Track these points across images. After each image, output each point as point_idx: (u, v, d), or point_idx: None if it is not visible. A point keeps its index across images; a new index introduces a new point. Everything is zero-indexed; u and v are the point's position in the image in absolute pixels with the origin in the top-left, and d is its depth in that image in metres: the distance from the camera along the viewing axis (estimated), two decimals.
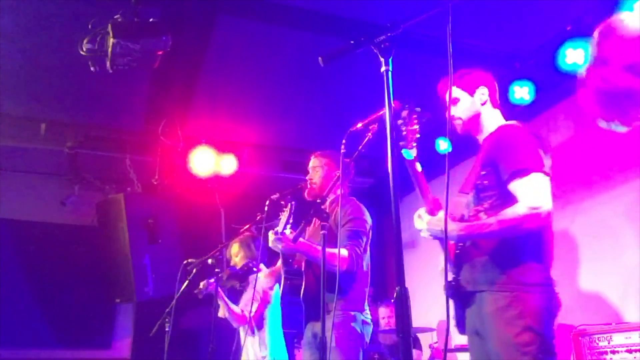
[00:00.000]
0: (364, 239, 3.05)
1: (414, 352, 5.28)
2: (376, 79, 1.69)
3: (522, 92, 4.54)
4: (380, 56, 1.70)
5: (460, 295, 2.17)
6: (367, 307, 3.08)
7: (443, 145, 5.34)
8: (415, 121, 2.12)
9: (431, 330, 5.36)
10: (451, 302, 2.22)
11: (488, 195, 2.14)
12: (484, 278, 2.10)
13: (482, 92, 2.40)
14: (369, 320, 3.04)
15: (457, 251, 2.22)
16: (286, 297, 3.07)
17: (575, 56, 4.00)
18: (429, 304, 4.90)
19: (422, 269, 5.82)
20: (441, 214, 2.09)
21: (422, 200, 2.21)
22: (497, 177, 2.12)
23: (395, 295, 1.50)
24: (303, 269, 3.01)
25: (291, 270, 3.05)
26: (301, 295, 2.95)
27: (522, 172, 2.03)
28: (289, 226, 2.79)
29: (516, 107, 4.57)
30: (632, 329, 3.42)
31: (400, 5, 3.37)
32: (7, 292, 5.75)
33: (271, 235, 2.86)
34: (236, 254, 4.28)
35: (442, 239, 2.07)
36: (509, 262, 2.05)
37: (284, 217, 2.84)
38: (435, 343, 5.41)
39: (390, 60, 1.69)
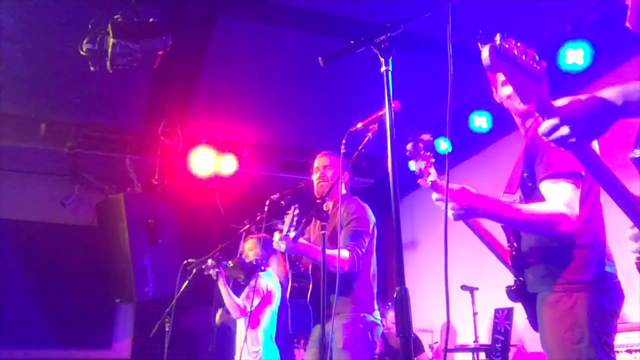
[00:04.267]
0: (367, 239, 3.04)
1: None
2: (376, 79, 1.69)
3: None
4: (380, 56, 1.69)
5: (525, 297, 2.22)
6: (376, 307, 3.05)
7: (443, 145, 5.34)
8: (423, 152, 2.08)
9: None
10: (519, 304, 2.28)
11: (533, 197, 2.15)
12: (539, 279, 2.15)
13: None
14: (378, 321, 3.01)
15: (514, 253, 2.25)
16: (293, 299, 3.07)
17: (575, 56, 4.00)
18: (429, 304, 4.90)
19: (422, 269, 5.83)
20: (465, 187, 2.01)
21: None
22: (536, 180, 2.13)
23: (395, 295, 1.51)
24: (310, 272, 3.00)
25: (298, 273, 3.04)
26: (308, 297, 2.94)
27: (553, 176, 2.03)
28: (292, 228, 2.79)
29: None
30: (632, 329, 3.42)
31: (400, 5, 3.37)
32: (7, 292, 5.76)
33: (276, 236, 2.85)
34: (251, 248, 4.29)
35: (466, 217, 2.03)
36: (560, 263, 2.08)
37: (288, 219, 2.84)
38: (436, 343, 5.42)
39: (390, 60, 1.69)
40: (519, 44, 1.31)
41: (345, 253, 2.86)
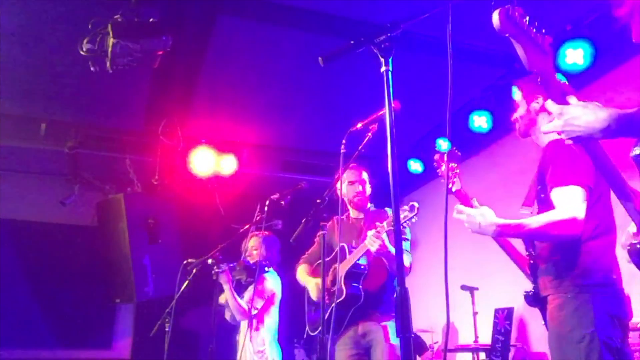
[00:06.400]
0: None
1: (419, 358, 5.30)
2: (376, 79, 1.69)
3: None
4: (380, 56, 1.70)
5: (540, 302, 2.30)
6: None
7: (443, 145, 5.34)
8: (449, 162, 2.38)
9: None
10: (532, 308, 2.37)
11: (546, 207, 2.25)
12: (549, 283, 2.23)
13: (538, 101, 2.42)
14: None
15: (531, 261, 2.35)
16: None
17: (575, 56, 4.00)
18: (429, 304, 4.90)
19: (422, 269, 5.82)
20: (483, 209, 2.21)
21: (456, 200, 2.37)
22: (547, 191, 2.23)
23: (395, 296, 1.51)
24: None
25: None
26: (362, 299, 3.27)
27: (561, 183, 2.14)
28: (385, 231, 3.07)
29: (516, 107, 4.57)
30: (632, 329, 3.42)
31: (400, 5, 3.37)
32: (7, 292, 5.75)
33: (371, 233, 3.07)
34: (255, 247, 4.24)
35: (480, 234, 2.21)
36: (568, 267, 2.16)
37: (407, 215, 3.03)
38: (436, 343, 5.42)
39: (390, 60, 1.69)
40: (527, 16, 1.43)
41: (409, 260, 3.33)
